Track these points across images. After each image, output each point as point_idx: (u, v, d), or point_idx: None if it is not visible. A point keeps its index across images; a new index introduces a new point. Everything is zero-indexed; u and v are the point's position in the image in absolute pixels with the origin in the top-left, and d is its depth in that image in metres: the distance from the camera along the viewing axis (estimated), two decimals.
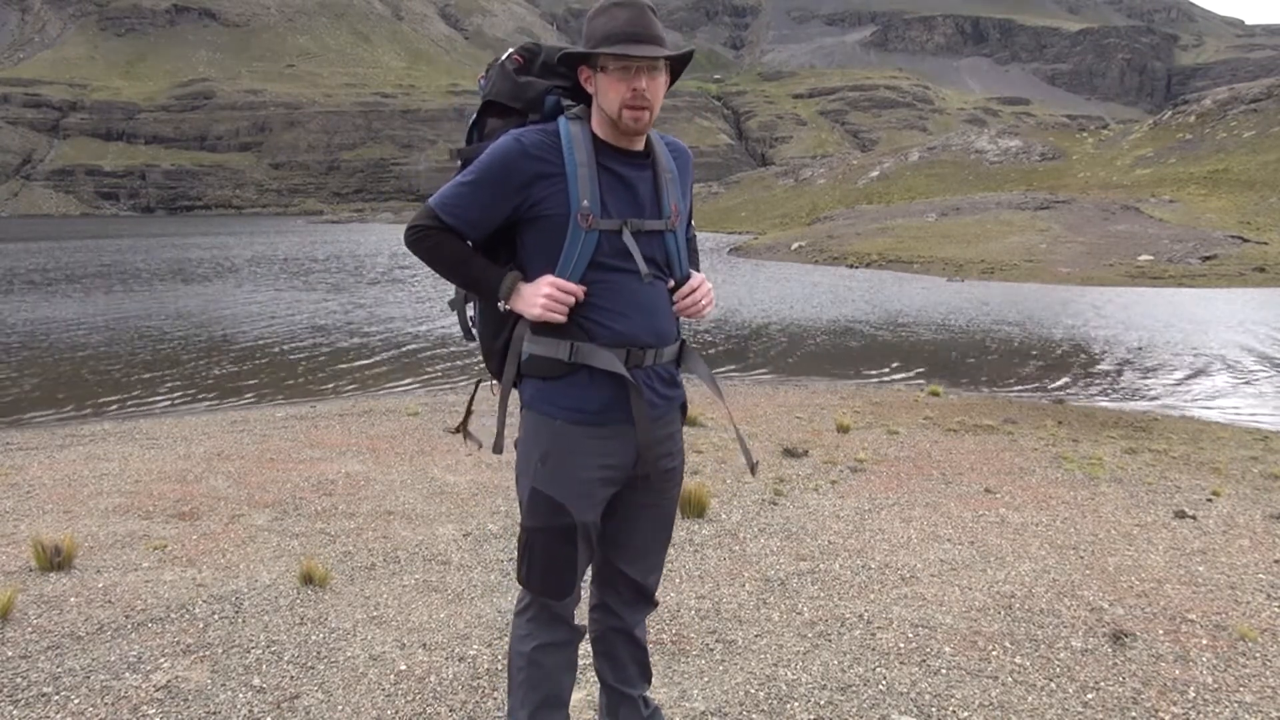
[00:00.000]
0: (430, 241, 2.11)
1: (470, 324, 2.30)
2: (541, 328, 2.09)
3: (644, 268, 2.10)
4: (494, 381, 2.28)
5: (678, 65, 2.12)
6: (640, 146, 2.15)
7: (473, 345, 2.32)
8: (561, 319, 2.05)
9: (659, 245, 2.17)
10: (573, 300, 2.06)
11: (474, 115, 2.26)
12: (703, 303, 2.22)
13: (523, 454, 2.18)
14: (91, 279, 31.44)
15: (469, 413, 2.36)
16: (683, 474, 2.35)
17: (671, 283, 2.20)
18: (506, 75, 2.18)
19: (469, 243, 2.15)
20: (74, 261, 40.01)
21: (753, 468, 2.30)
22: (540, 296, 2.04)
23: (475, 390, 2.39)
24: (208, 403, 12.09)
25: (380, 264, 39.70)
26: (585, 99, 2.14)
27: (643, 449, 2.10)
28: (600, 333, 2.08)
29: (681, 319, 2.27)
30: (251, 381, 13.67)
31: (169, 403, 12.07)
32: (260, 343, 17.51)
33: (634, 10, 2.03)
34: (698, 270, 2.30)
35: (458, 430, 2.37)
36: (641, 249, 2.11)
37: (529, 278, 2.10)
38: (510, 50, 2.23)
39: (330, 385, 13.43)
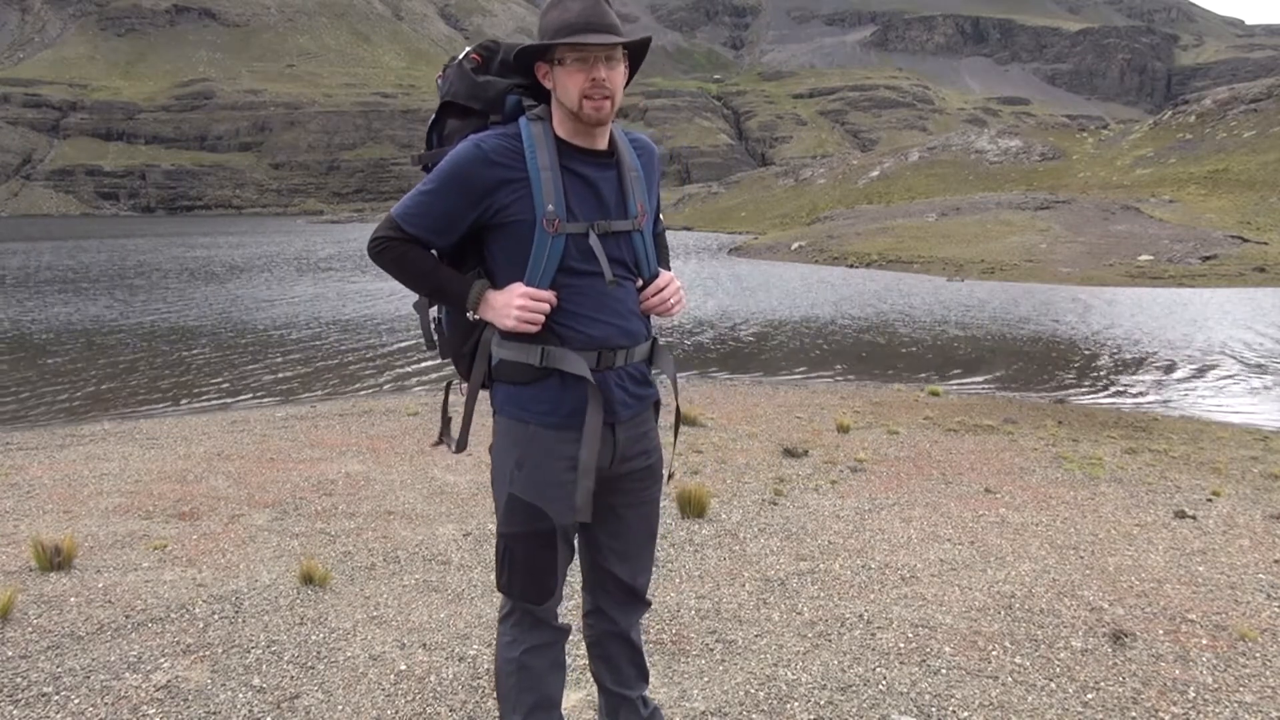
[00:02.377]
0: (394, 253, 2.06)
1: (434, 328, 2.25)
2: (510, 332, 2.06)
3: (609, 273, 2.06)
4: (463, 384, 2.26)
5: (637, 56, 2.09)
6: (604, 145, 2.11)
7: (434, 354, 2.27)
8: (536, 329, 2.03)
9: (627, 245, 2.14)
10: (547, 308, 2.03)
11: (433, 117, 2.21)
12: (671, 302, 2.19)
13: (498, 460, 2.16)
14: (109, 279, 31.44)
15: (445, 420, 2.32)
16: (662, 471, 2.32)
17: (640, 282, 2.17)
18: (464, 75, 2.13)
19: (434, 252, 2.12)
20: (91, 261, 40.03)
21: (669, 476, 2.37)
22: (514, 308, 2.01)
23: (446, 395, 2.35)
24: (208, 403, 12.10)
25: None
26: (546, 98, 2.11)
27: (583, 465, 2.06)
28: (572, 337, 2.07)
29: (653, 317, 2.24)
30: (252, 381, 13.67)
31: (169, 402, 12.07)
32: (264, 342, 17.51)
33: (587, 0, 2.00)
34: (667, 268, 2.28)
35: (438, 443, 2.34)
36: (609, 250, 2.08)
37: (497, 284, 2.07)
38: (467, 49, 2.17)
39: (330, 385, 13.44)
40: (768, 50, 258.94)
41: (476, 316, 2.08)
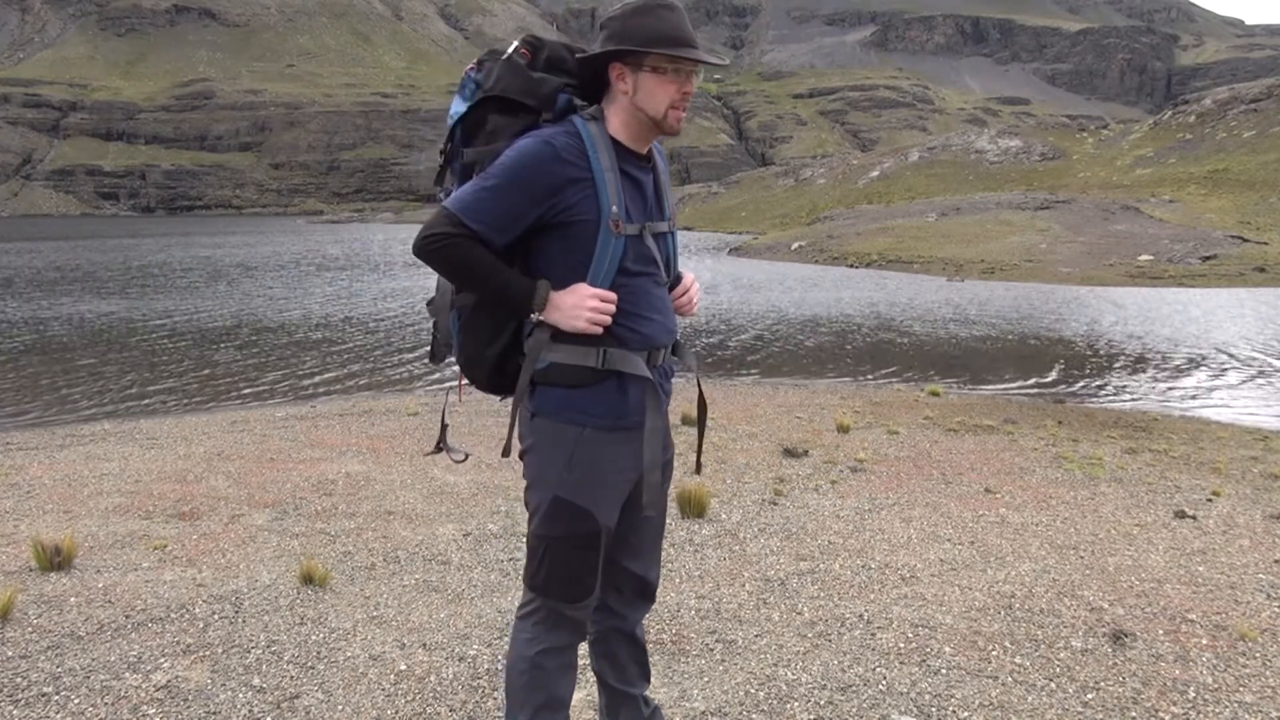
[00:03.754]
0: (458, 250, 1.98)
1: (448, 334, 2.20)
2: (566, 335, 2.04)
3: (665, 274, 2.17)
4: (458, 392, 2.26)
5: None
6: (647, 150, 2.16)
7: (439, 365, 2.26)
8: (600, 331, 2.04)
9: (663, 246, 2.21)
10: (613, 309, 2.05)
11: (463, 110, 2.12)
12: (695, 300, 2.33)
13: (541, 463, 2.13)
14: (118, 279, 31.43)
15: (444, 428, 2.31)
16: (674, 465, 2.39)
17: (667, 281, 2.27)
18: (518, 70, 2.08)
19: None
20: (99, 261, 40.00)
21: (698, 468, 2.50)
22: (585, 309, 2.01)
23: (446, 402, 2.37)
24: (208, 403, 12.09)
25: (396, 259, 39.73)
26: (594, 99, 2.12)
27: (649, 461, 2.09)
28: (629, 337, 2.09)
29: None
30: (252, 381, 13.66)
31: (169, 402, 12.07)
32: (267, 342, 17.50)
33: (680, 14, 2.04)
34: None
35: (436, 450, 2.32)
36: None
37: (554, 285, 2.05)
38: (515, 43, 2.14)
39: (330, 385, 13.43)
40: (768, 50, 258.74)
41: (540, 318, 2.05)
